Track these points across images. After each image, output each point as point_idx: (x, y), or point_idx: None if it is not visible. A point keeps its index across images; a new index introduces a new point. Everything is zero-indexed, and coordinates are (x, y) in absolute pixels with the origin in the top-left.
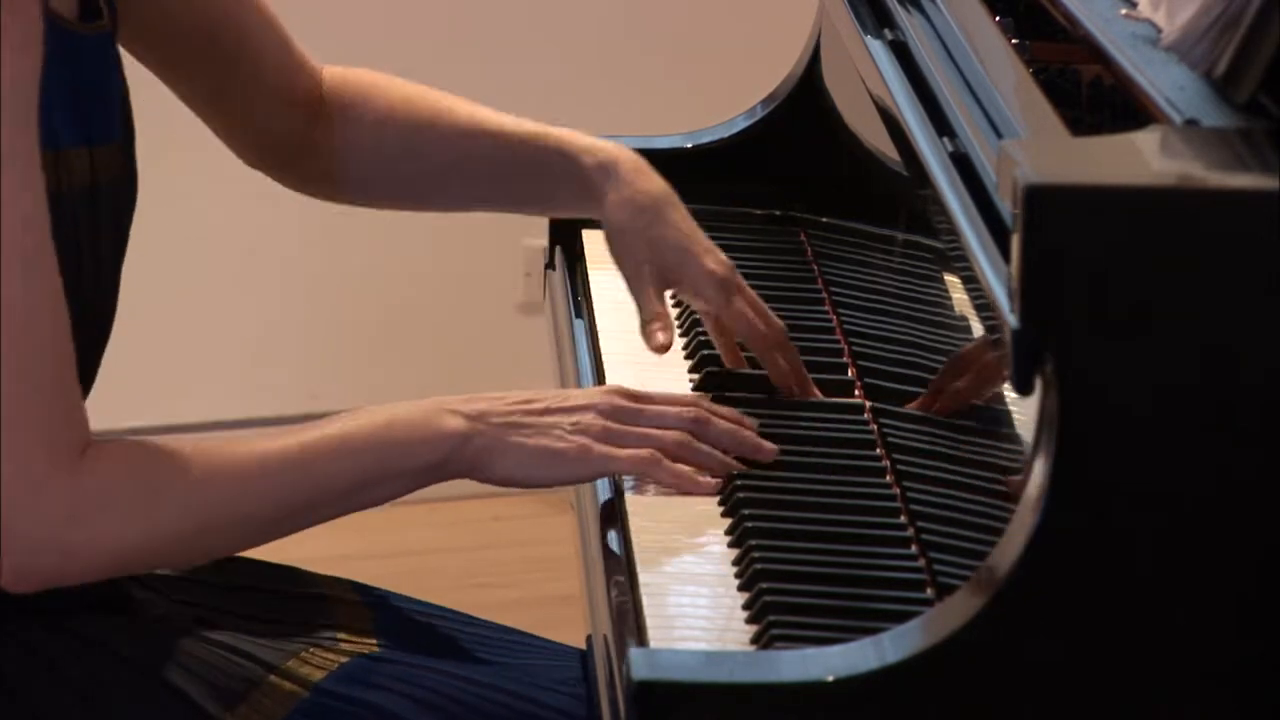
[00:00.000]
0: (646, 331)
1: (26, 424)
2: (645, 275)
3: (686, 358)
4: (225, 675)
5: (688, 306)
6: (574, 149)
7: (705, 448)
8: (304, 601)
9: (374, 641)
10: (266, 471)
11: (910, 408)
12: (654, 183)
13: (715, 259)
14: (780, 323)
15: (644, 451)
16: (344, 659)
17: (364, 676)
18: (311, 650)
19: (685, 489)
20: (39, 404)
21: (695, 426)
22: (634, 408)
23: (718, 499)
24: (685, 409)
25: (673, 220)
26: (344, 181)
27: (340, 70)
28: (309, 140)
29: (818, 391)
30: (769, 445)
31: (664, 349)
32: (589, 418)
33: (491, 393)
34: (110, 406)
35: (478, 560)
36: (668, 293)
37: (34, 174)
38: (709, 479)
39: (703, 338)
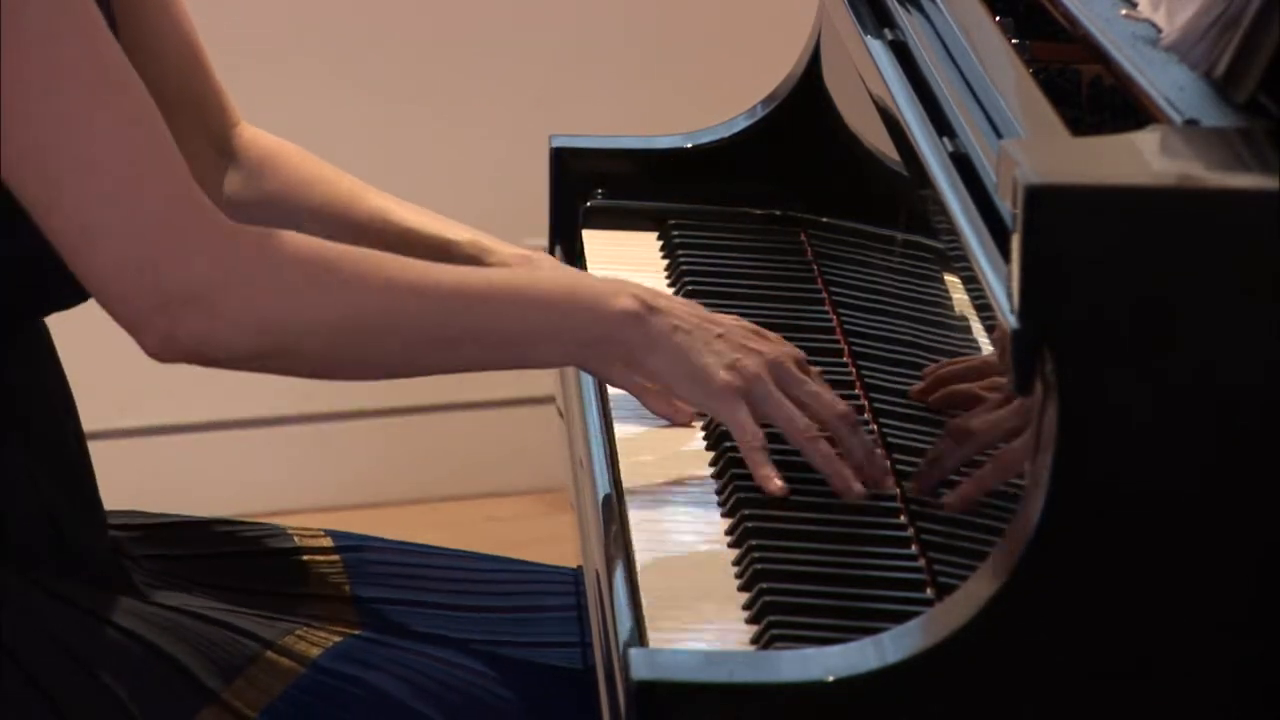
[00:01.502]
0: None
1: (148, 181)
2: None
3: None
4: (223, 650)
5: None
6: (489, 261)
7: (830, 450)
8: (278, 559)
9: (350, 605)
10: (437, 291)
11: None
12: (567, 281)
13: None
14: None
15: (753, 430)
16: (337, 638)
17: (361, 655)
18: (307, 628)
19: (760, 482)
20: (156, 162)
21: (840, 424)
22: (797, 376)
23: (718, 500)
24: (840, 405)
25: None
26: None
27: (262, 132)
28: (213, 186)
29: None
30: (858, 488)
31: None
32: (754, 363)
33: (683, 299)
34: (110, 406)
35: None
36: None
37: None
38: (780, 483)
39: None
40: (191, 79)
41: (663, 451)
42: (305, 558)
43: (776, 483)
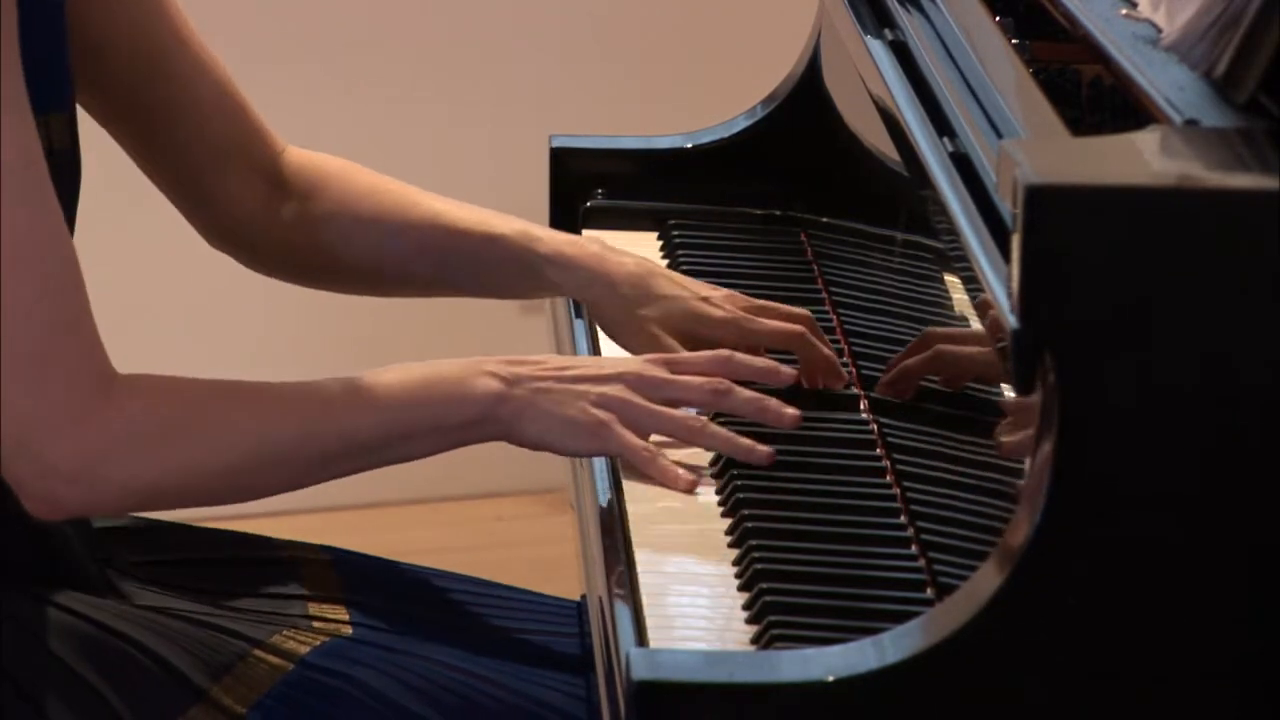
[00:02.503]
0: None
1: (48, 356)
2: (670, 347)
3: None
4: (211, 649)
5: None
6: (536, 256)
7: (717, 430)
8: (271, 567)
9: (343, 605)
10: (300, 412)
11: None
12: (627, 264)
13: (718, 304)
14: (802, 311)
15: (641, 445)
16: (325, 637)
17: (351, 653)
18: (295, 629)
19: (668, 484)
20: (58, 337)
21: (716, 399)
22: (661, 378)
23: (718, 500)
24: (708, 381)
25: (663, 290)
26: (307, 265)
27: (306, 152)
28: (270, 217)
29: (844, 375)
30: (791, 411)
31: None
32: (616, 389)
33: (531, 355)
34: None
35: (478, 560)
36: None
37: (28, 114)
38: (688, 475)
39: None
40: (233, 121)
41: (663, 450)
42: (302, 569)
43: (684, 476)
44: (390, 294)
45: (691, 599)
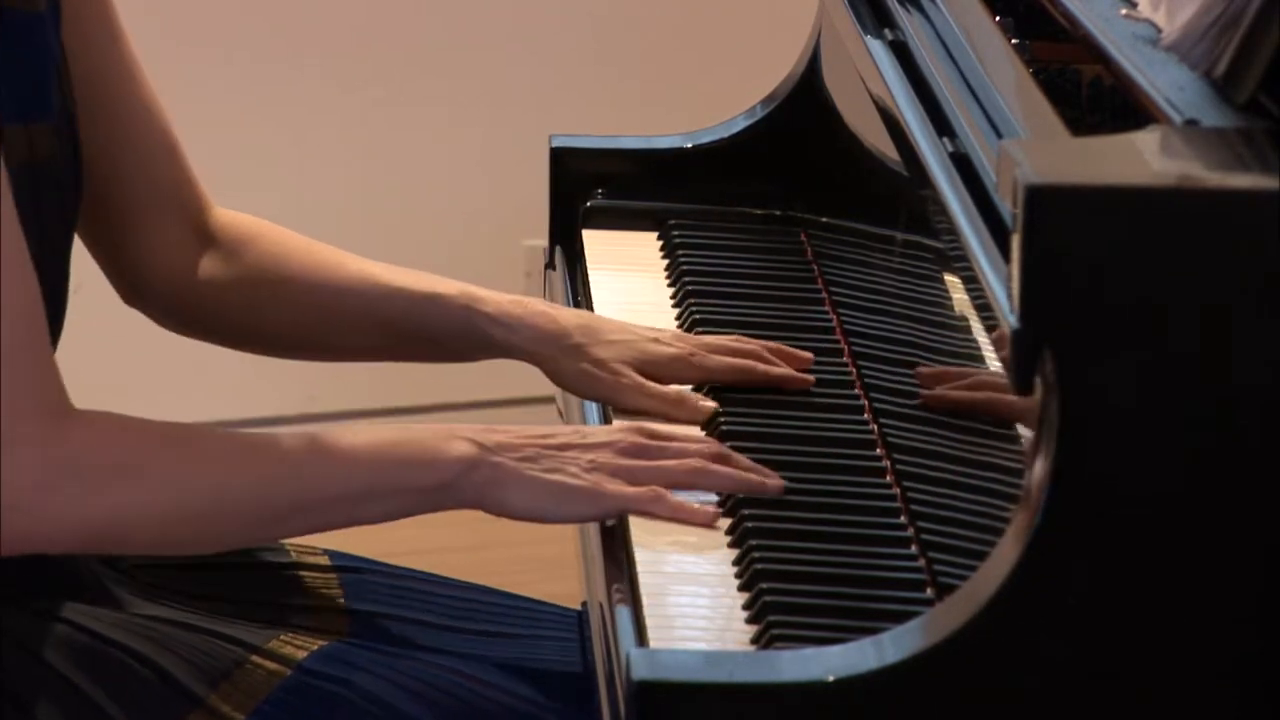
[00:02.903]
0: (692, 409)
1: (15, 382)
2: (634, 381)
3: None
4: (208, 656)
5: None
6: (480, 314)
7: (721, 469)
8: (270, 570)
9: (343, 610)
10: (255, 464)
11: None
12: (570, 316)
13: (668, 343)
14: (753, 343)
15: (643, 490)
16: (323, 642)
17: (349, 658)
18: (293, 633)
19: (684, 519)
20: (11, 365)
21: (716, 459)
22: (654, 445)
23: (718, 500)
24: (705, 445)
25: (610, 336)
26: (230, 325)
27: (235, 212)
28: (194, 273)
29: (807, 354)
30: (775, 483)
31: (708, 410)
32: (605, 455)
33: (512, 426)
34: (109, 406)
35: (478, 560)
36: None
37: None
38: (708, 508)
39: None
40: (168, 167)
41: None
42: (301, 572)
43: (694, 507)
44: (317, 358)
45: (691, 599)
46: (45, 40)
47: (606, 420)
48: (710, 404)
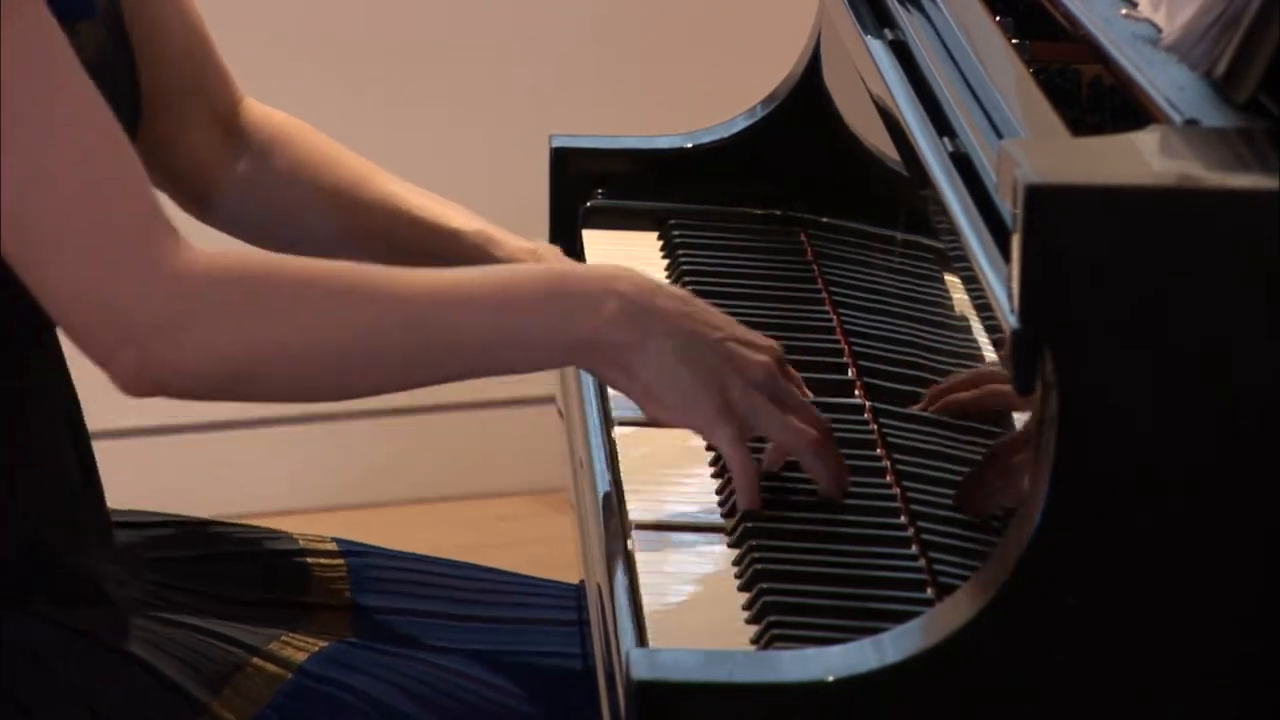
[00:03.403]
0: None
1: (108, 216)
2: None
3: None
4: (209, 660)
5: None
6: (495, 252)
7: (828, 453)
8: (281, 559)
9: (348, 606)
10: (410, 304)
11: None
12: (578, 270)
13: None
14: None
15: (741, 451)
16: (324, 643)
17: (349, 660)
18: (292, 634)
19: (751, 480)
20: (113, 197)
21: (817, 445)
22: (787, 388)
23: (718, 500)
24: (819, 419)
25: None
26: (256, 223)
27: (264, 107)
28: (224, 169)
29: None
30: (839, 493)
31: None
32: (752, 374)
33: (677, 290)
34: (110, 406)
35: (478, 560)
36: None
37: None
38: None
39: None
40: (199, 63)
41: (663, 450)
42: (309, 560)
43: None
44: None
45: (691, 599)
46: None
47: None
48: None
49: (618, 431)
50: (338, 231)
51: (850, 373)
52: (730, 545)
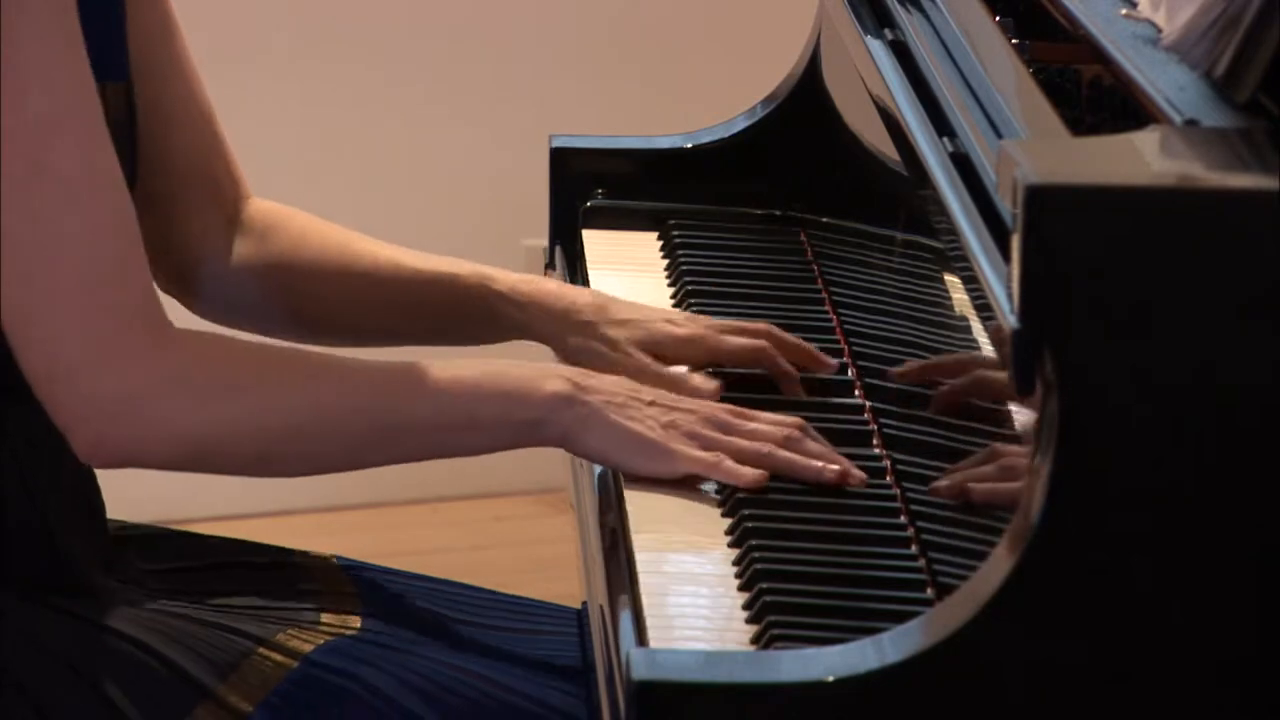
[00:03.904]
0: (691, 389)
1: (99, 291)
2: (640, 361)
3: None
4: (215, 648)
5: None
6: (492, 292)
7: (786, 454)
8: (286, 572)
9: (356, 612)
10: (359, 386)
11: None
12: (584, 295)
13: (680, 324)
14: (762, 324)
15: (710, 455)
16: (330, 636)
17: (354, 651)
18: (300, 627)
19: (735, 481)
20: (101, 276)
21: (787, 443)
22: (734, 421)
23: (718, 500)
24: (778, 429)
25: (621, 316)
26: (257, 309)
27: (266, 201)
28: (225, 258)
29: (829, 361)
30: (858, 473)
31: (719, 388)
32: (688, 420)
33: (607, 375)
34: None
35: (478, 560)
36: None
37: (84, 55)
38: (752, 471)
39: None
40: (208, 152)
41: None
42: (314, 574)
43: (748, 473)
44: (339, 343)
45: (691, 599)
46: (118, 3)
47: None
48: (713, 382)
49: None
50: (345, 303)
51: (850, 373)
52: (730, 545)
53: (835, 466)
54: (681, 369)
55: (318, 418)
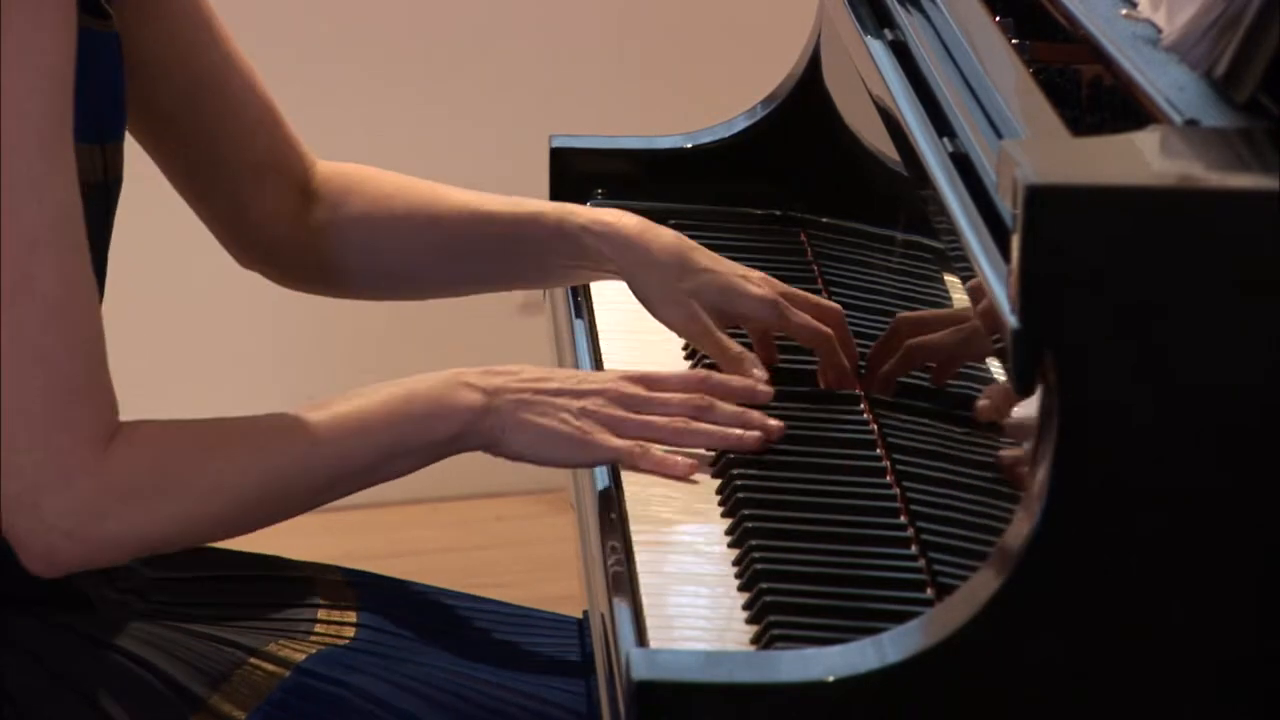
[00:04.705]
0: (744, 372)
1: (56, 414)
2: (705, 324)
3: (687, 358)
4: (207, 659)
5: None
6: (574, 225)
7: (703, 427)
8: (286, 584)
9: (353, 622)
10: (292, 450)
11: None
12: (665, 236)
13: (757, 284)
14: (836, 308)
15: (629, 443)
16: (322, 645)
17: (346, 659)
18: (292, 637)
19: (666, 473)
20: (69, 394)
21: (698, 413)
22: (643, 395)
23: (718, 500)
24: (691, 395)
25: (701, 264)
26: (340, 272)
27: (334, 163)
28: (302, 229)
29: (855, 381)
30: (775, 423)
31: (768, 383)
32: (597, 403)
33: (508, 366)
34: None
35: (478, 560)
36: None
37: (70, 160)
38: (688, 461)
39: None
40: (271, 137)
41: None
42: (316, 585)
43: (681, 462)
44: (424, 295)
45: (691, 599)
46: (119, 59)
47: (598, 368)
48: (767, 388)
49: None
50: (430, 252)
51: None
52: (730, 545)
53: (755, 432)
54: (743, 353)
55: (262, 490)
